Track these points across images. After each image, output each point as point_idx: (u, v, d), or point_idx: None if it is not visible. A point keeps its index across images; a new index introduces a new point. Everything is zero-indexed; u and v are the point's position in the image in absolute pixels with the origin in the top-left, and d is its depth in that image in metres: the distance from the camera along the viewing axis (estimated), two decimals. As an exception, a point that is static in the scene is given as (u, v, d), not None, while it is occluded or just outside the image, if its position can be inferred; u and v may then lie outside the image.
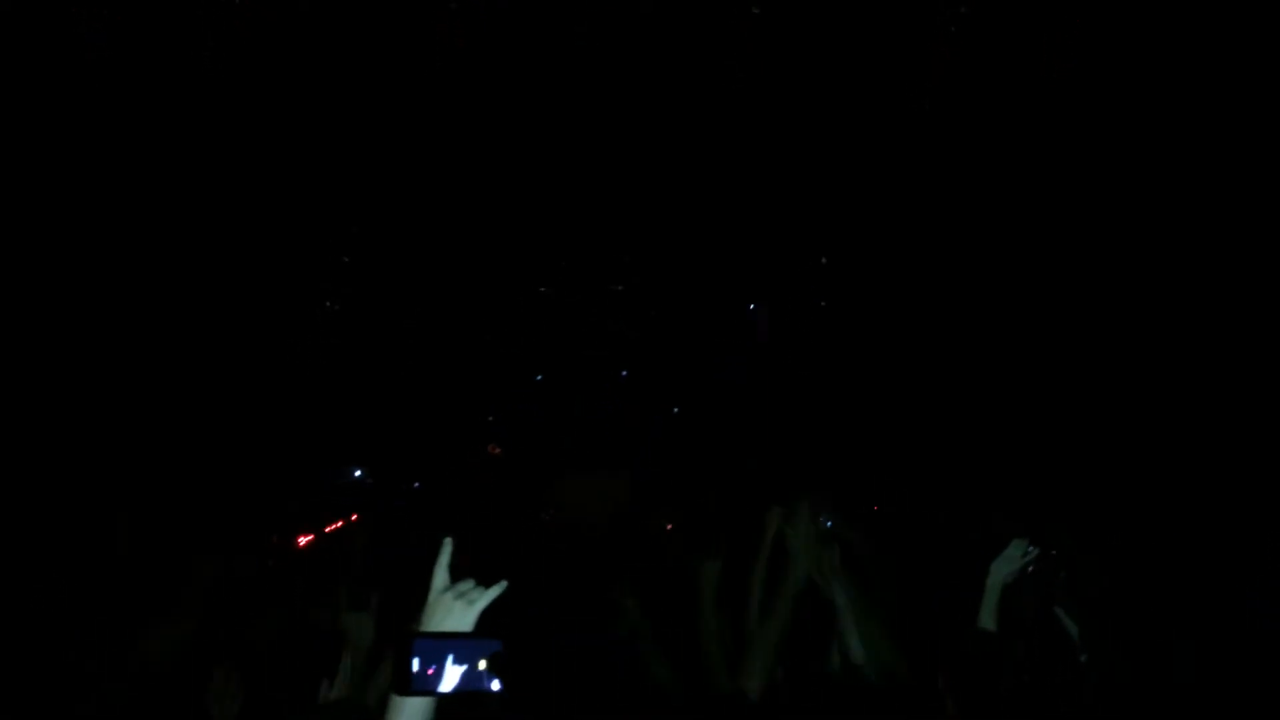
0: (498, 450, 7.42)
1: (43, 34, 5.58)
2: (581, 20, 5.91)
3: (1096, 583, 3.78)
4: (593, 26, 5.96)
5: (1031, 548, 3.61)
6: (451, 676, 1.83)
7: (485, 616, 2.00)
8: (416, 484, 7.00)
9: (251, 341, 6.92)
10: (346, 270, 7.15)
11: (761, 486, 6.12)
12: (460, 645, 1.87)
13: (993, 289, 7.01)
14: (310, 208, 6.85)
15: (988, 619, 3.52)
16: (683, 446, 7.25)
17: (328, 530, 6.22)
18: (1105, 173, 6.49)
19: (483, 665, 1.86)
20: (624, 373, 7.45)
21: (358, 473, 6.95)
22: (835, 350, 7.43)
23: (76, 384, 6.34)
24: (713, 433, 7.27)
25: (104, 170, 6.23)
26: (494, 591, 2.03)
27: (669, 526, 6.55)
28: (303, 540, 6.40)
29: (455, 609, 1.97)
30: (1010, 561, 3.59)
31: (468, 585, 2.03)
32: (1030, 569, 3.62)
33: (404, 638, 1.85)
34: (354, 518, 6.36)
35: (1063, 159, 6.55)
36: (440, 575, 2.04)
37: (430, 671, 1.83)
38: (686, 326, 7.49)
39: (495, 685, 1.86)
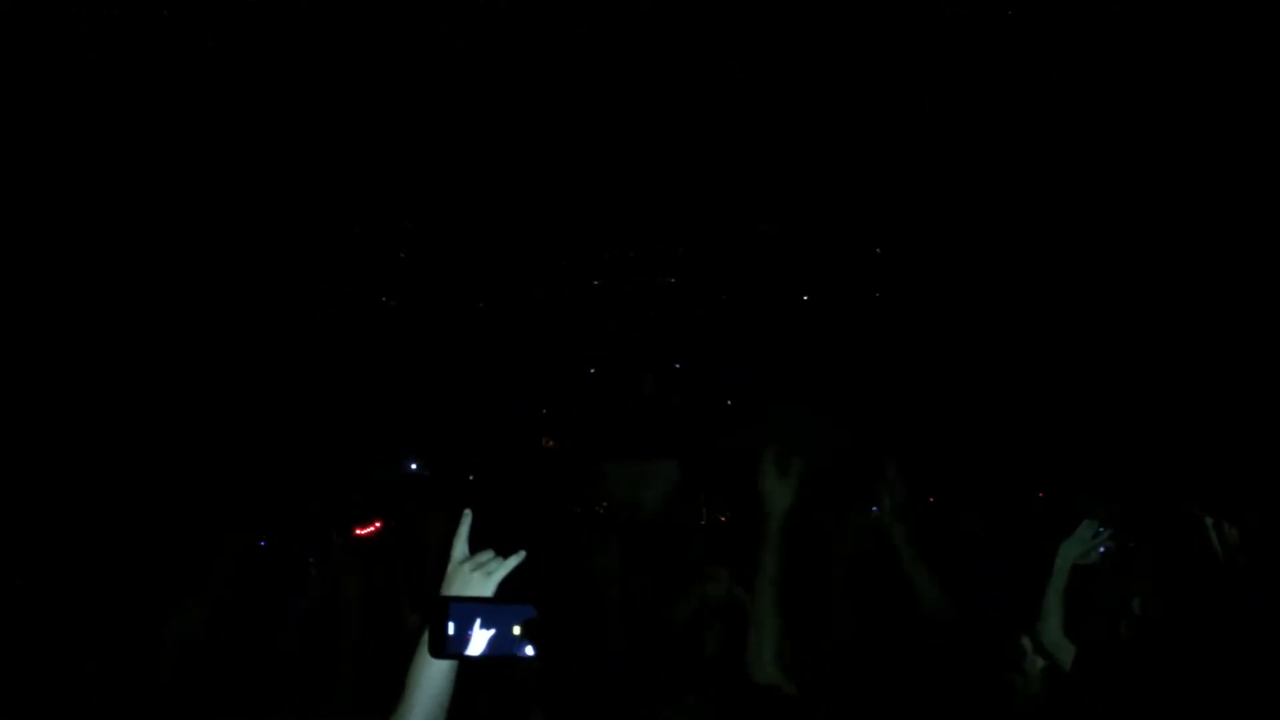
0: (551, 443, 7.48)
1: (43, 34, 5.73)
2: (581, 20, 5.95)
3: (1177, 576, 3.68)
4: (593, 26, 5.99)
5: (1102, 529, 3.52)
6: (484, 640, 1.85)
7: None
8: (471, 476, 7.09)
9: (296, 336, 7.06)
10: (401, 267, 7.27)
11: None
12: (494, 610, 1.89)
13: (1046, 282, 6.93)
14: (354, 207, 6.99)
15: (1054, 602, 3.45)
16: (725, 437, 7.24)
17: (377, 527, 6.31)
18: (1118, 172, 6.40)
19: (516, 630, 1.88)
20: (677, 365, 7.46)
21: (413, 465, 7.05)
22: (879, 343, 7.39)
23: (105, 379, 6.51)
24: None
25: (119, 175, 6.40)
26: (512, 562, 2.04)
27: (722, 519, 6.54)
28: (360, 531, 6.51)
29: (473, 580, 1.99)
30: (1080, 543, 3.50)
31: (486, 556, 2.04)
32: (1101, 551, 3.52)
33: (437, 602, 1.87)
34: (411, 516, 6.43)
35: (1064, 159, 6.47)
36: (460, 546, 2.05)
37: (466, 636, 1.86)
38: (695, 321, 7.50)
39: (529, 650, 1.88)
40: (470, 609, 1.88)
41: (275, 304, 7.05)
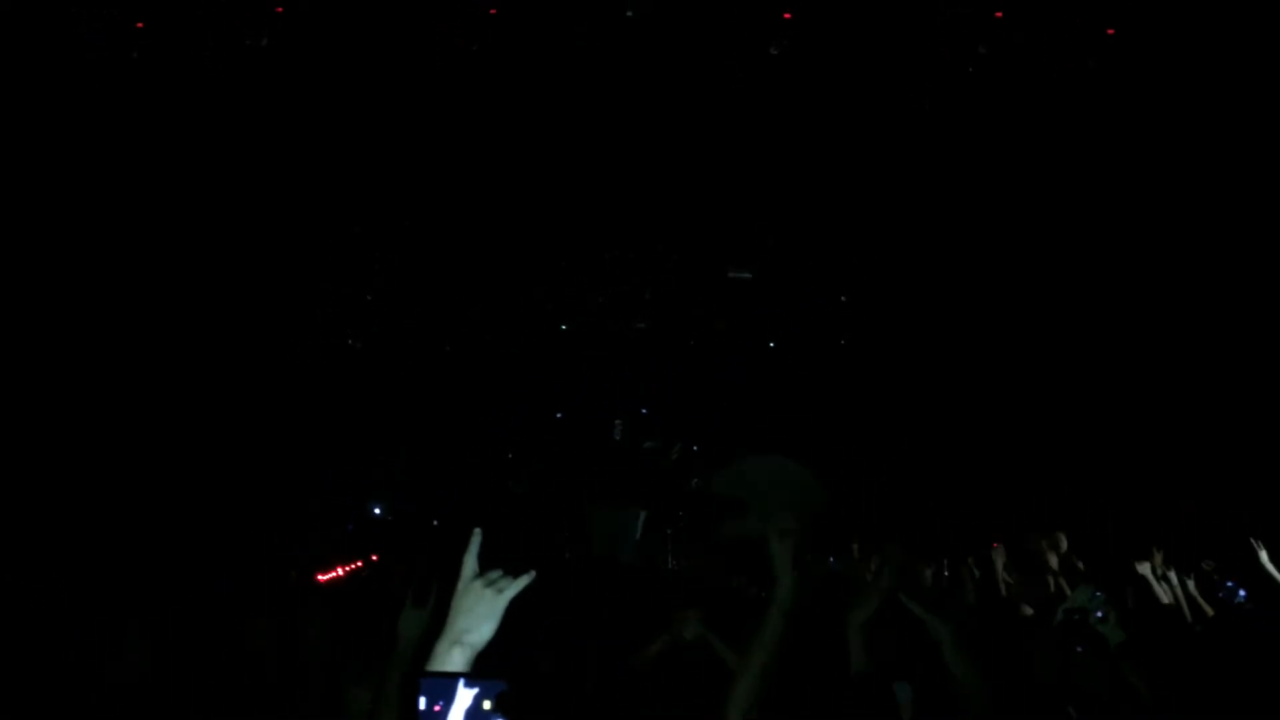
0: (521, 489, 7.41)
1: (44, 34, 5.71)
2: (582, 20, 6.01)
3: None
4: (592, 27, 6.06)
5: (1098, 594, 3.51)
6: (456, 716, 1.82)
7: (489, 656, 1.98)
8: (436, 521, 7.01)
9: (272, 370, 6.99)
10: (371, 306, 7.24)
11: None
12: (465, 685, 1.85)
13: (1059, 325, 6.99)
14: (338, 244, 6.97)
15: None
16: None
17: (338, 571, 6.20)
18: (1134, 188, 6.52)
19: (487, 705, 1.84)
20: (644, 410, 7.45)
21: (377, 510, 6.96)
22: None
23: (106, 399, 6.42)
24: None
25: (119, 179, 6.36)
26: (523, 580, 2.04)
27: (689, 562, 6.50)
28: (322, 576, 6.40)
29: (486, 596, 1.98)
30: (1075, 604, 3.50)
31: (496, 574, 2.03)
32: (1099, 615, 3.51)
33: (411, 678, 1.84)
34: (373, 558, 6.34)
35: (1069, 165, 6.59)
36: (470, 564, 2.04)
37: (436, 709, 1.82)
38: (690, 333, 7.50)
39: (500, 726, 1.85)
40: (441, 684, 1.84)
41: (251, 339, 6.99)
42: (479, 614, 1.97)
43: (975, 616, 3.80)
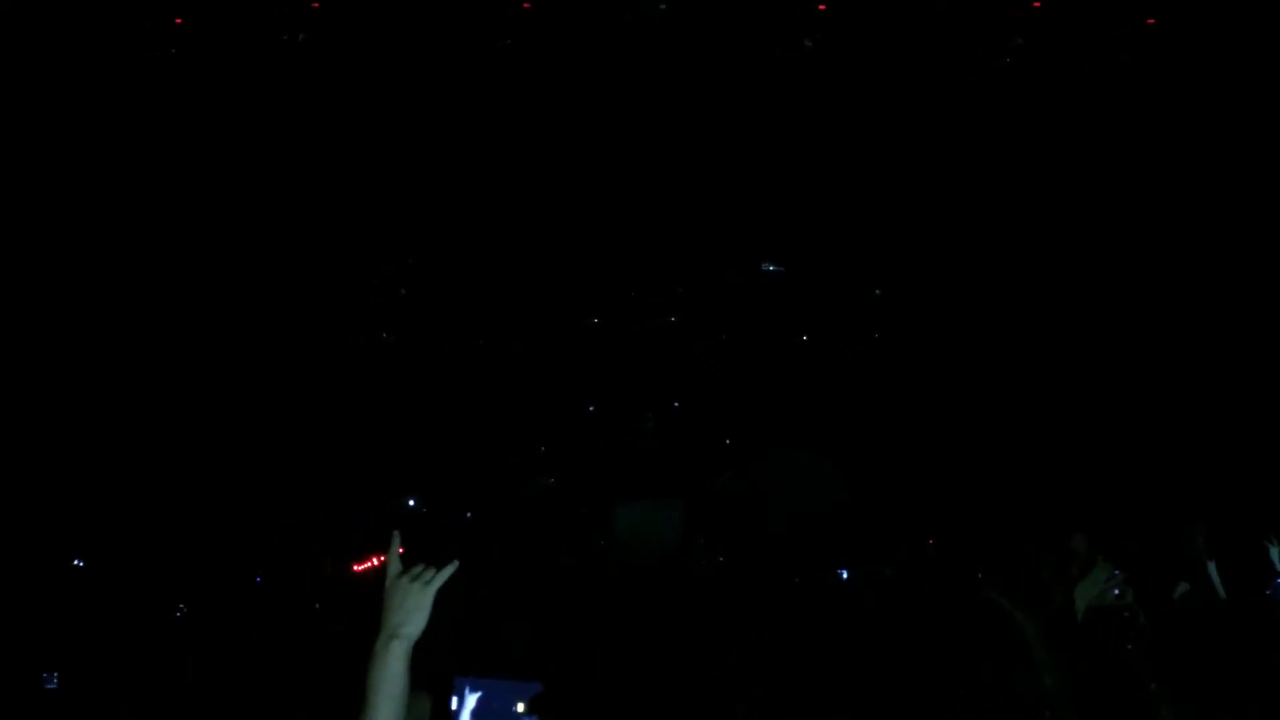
0: (552, 480, 7.43)
1: (54, 37, 5.82)
2: (613, 14, 6.04)
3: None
4: (623, 20, 6.08)
5: (1116, 571, 3.42)
6: (488, 716, 1.84)
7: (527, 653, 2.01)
8: (469, 513, 7.05)
9: (303, 366, 7.08)
10: (404, 304, 7.29)
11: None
12: (498, 686, 1.88)
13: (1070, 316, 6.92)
14: (363, 250, 7.06)
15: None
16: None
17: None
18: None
19: (520, 707, 1.86)
20: (675, 404, 7.44)
21: (411, 501, 7.01)
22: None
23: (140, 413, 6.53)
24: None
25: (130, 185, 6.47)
26: (447, 571, 2.14)
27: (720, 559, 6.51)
28: (359, 567, 6.47)
29: (413, 590, 2.09)
30: (1094, 585, 3.40)
31: (419, 569, 2.14)
32: (1116, 594, 3.42)
33: (444, 678, 1.86)
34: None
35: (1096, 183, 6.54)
36: (394, 564, 2.16)
37: (471, 711, 1.85)
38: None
39: (533, 728, 1.87)
40: (474, 685, 1.86)
41: (282, 336, 7.08)
42: (409, 607, 2.09)
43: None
